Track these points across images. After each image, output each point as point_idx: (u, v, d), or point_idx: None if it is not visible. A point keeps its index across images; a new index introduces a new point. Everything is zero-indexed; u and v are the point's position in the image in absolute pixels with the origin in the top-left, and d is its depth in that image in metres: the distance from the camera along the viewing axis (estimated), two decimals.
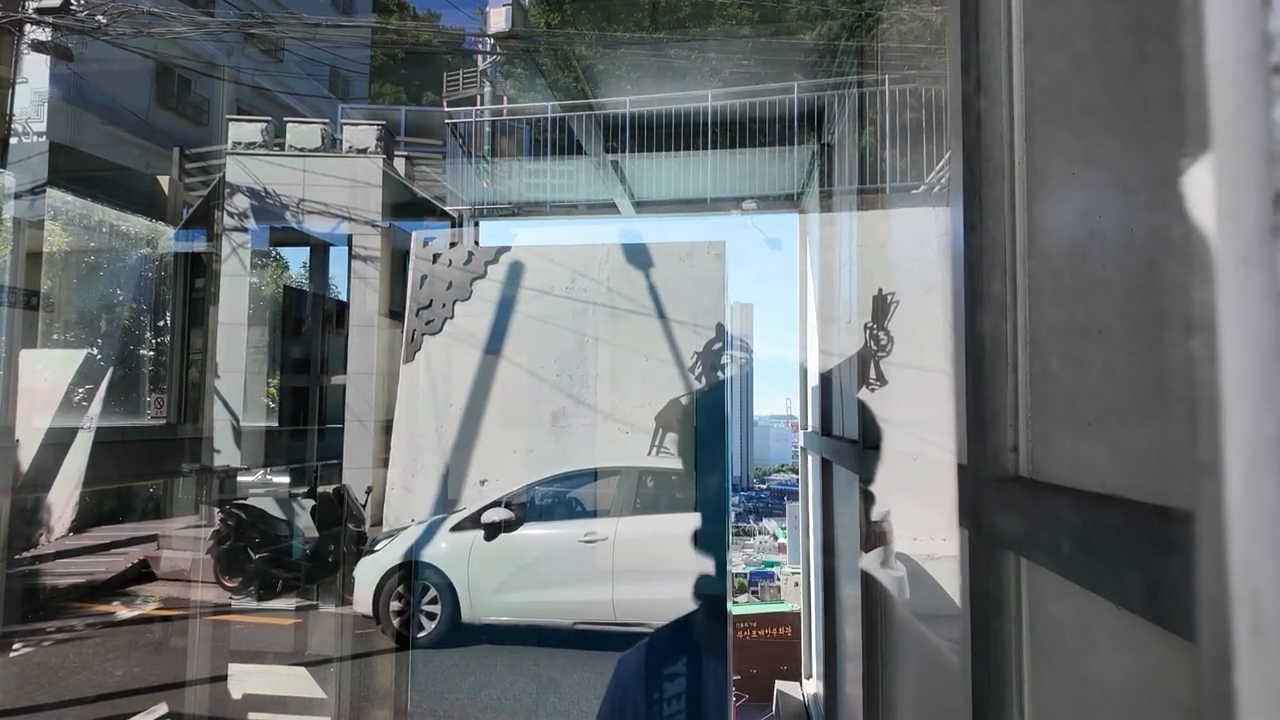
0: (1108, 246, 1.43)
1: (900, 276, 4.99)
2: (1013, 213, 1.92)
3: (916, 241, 5.02)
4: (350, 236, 8.72)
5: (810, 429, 7.81)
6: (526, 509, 6.77)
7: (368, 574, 6.41)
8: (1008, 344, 1.90)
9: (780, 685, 9.38)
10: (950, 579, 3.47)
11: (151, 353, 9.89)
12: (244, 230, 8.68)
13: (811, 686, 8.49)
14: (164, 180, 9.75)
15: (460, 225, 9.52)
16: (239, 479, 7.26)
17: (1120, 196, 1.41)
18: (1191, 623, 1.01)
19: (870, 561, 4.71)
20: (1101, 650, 1.45)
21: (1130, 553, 1.23)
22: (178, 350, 9.30)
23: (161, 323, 10.04)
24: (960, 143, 2.18)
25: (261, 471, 7.44)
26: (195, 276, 9.52)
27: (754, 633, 23.85)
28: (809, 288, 8.90)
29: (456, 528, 6.69)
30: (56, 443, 6.95)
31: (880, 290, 5.08)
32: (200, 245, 9.39)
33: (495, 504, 6.52)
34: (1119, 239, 1.39)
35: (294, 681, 6.62)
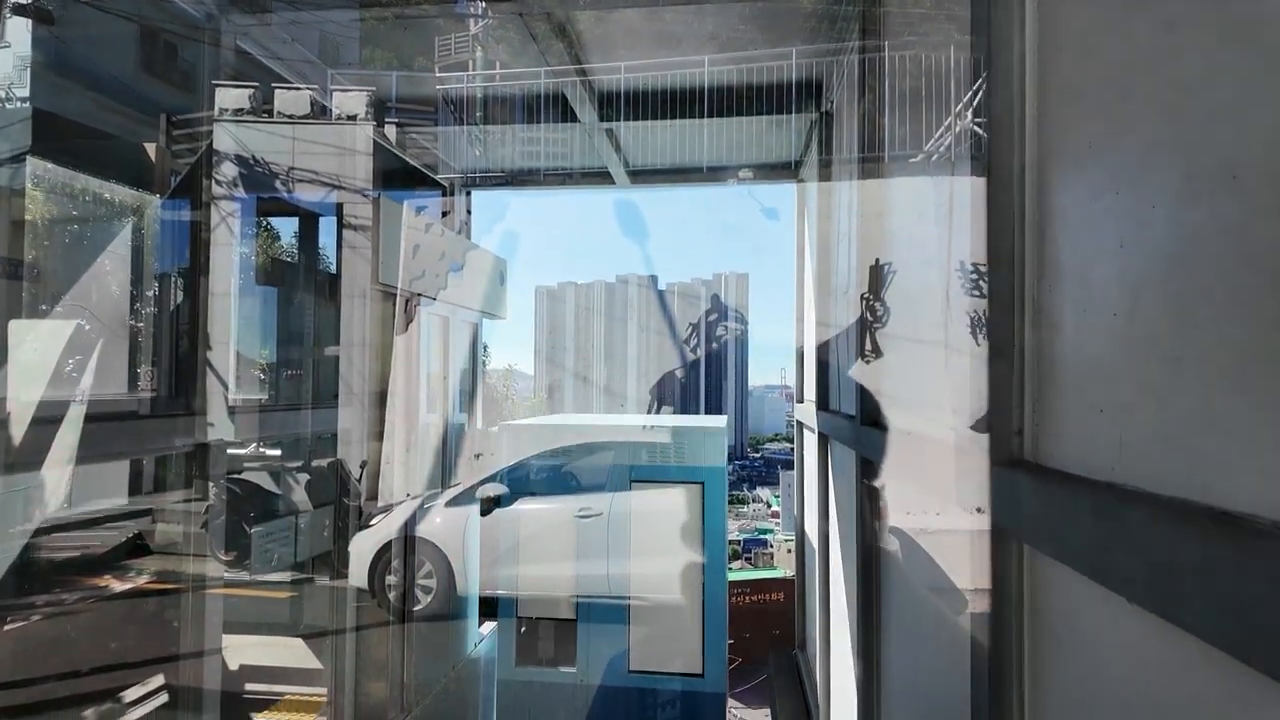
0: (1125, 223, 1.37)
1: (897, 246, 4.94)
2: (1022, 186, 1.85)
3: (914, 211, 4.95)
4: (340, 205, 8.56)
5: (806, 402, 7.79)
6: (522, 484, 6.75)
7: (363, 548, 6.41)
8: (1014, 323, 1.84)
9: (774, 654, 9.52)
10: (943, 554, 3.47)
11: (141, 324, 9.77)
12: (232, 199, 8.52)
13: (806, 655, 8.60)
14: (151, 148, 9.54)
15: (452, 194, 9.37)
16: (232, 452, 7.22)
17: (1143, 170, 1.34)
18: (1227, 631, 0.98)
19: (867, 535, 4.72)
20: (1111, 644, 1.42)
21: (1152, 551, 1.19)
22: (167, 322, 9.19)
23: (151, 293, 9.91)
24: (969, 107, 2.09)
25: (254, 445, 7.39)
26: (183, 246, 9.37)
27: (747, 598, 24.23)
28: (806, 258, 8.82)
29: (452, 503, 6.67)
30: (48, 416, 6.87)
31: (877, 260, 5.02)
32: (188, 214, 9.22)
33: (490, 479, 6.50)
34: (1140, 215, 1.32)
35: (290, 653, 6.66)
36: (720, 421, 7.53)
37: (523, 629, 7.00)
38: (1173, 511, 1.13)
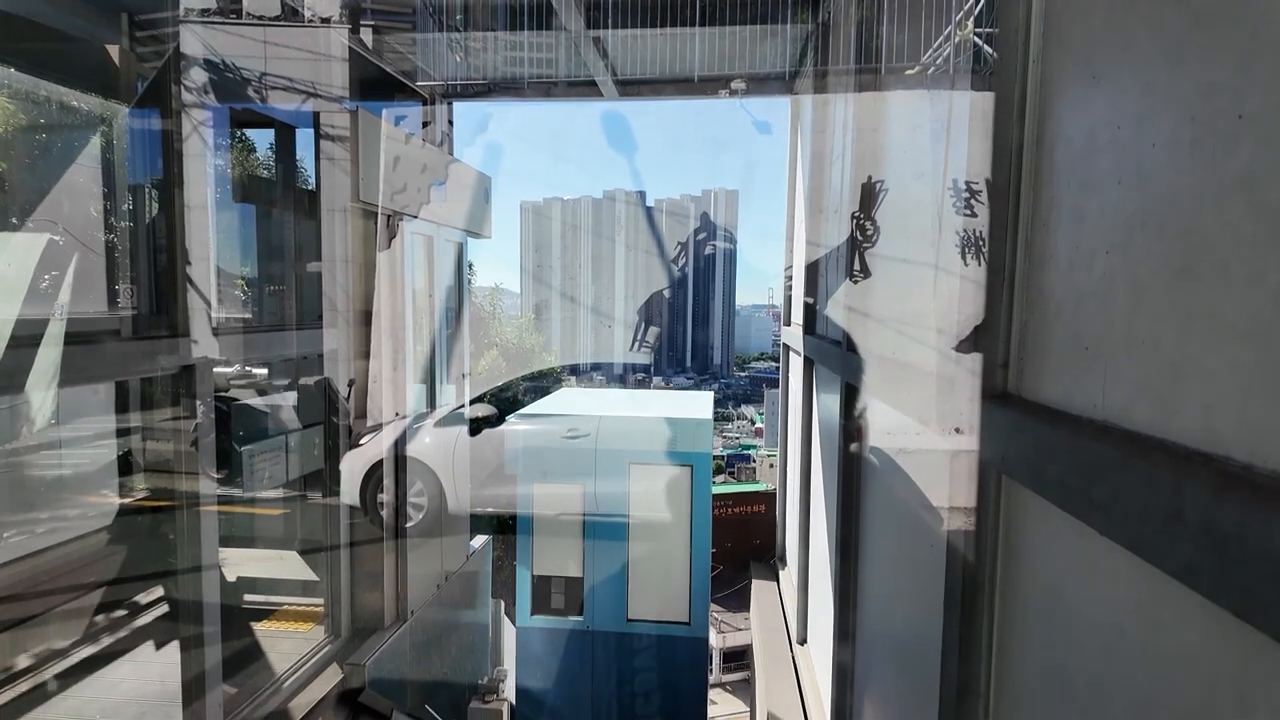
0: (1125, 160, 1.34)
1: (891, 163, 4.84)
2: (1023, 114, 1.79)
3: (909, 126, 4.82)
4: (317, 116, 8.22)
5: (793, 325, 7.81)
6: (510, 405, 6.83)
7: (354, 467, 6.50)
8: (1006, 255, 1.83)
9: (754, 564, 9.90)
10: (921, 474, 3.57)
11: (116, 239, 9.52)
12: (204, 108, 8.14)
13: (785, 564, 8.95)
14: (114, 51, 9.03)
15: (433, 105, 9.02)
16: (218, 370, 7.19)
17: (1146, 107, 1.30)
18: (1193, 568, 1.01)
19: (849, 455, 4.83)
20: (1078, 571, 1.48)
21: (1126, 487, 1.22)
22: (144, 237, 8.95)
23: (125, 207, 9.60)
24: (969, 16, 2.00)
25: (240, 364, 7.37)
26: (155, 157, 9.01)
27: (730, 510, 25.07)
28: (798, 175, 8.65)
29: (441, 422, 6.75)
30: (28, 333, 6.77)
31: (870, 178, 4.93)
32: (158, 123, 8.83)
33: (479, 399, 6.55)
34: (1140, 153, 1.29)
35: (286, 566, 6.86)
36: (707, 412, 8.49)
37: (536, 582, 8.04)
38: (1149, 450, 1.16)
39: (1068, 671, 1.45)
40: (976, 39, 4.22)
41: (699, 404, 9.04)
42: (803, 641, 7.13)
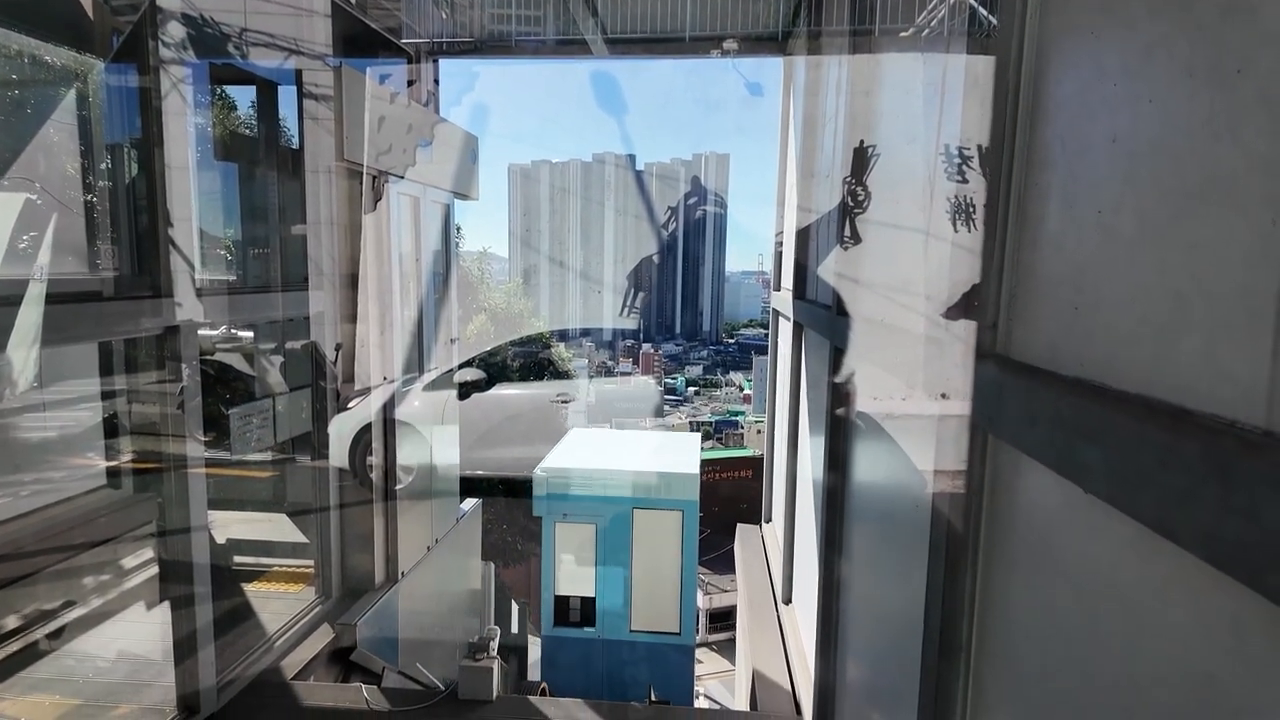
0: (1120, 117, 1.32)
1: (883, 127, 4.80)
2: (1019, 69, 1.77)
3: (903, 89, 4.77)
4: (299, 73, 8.01)
5: (783, 290, 7.81)
6: (498, 370, 6.84)
7: (342, 430, 6.49)
8: (997, 212, 1.82)
9: (741, 527, 10.05)
10: (908, 437, 3.60)
11: (96, 199, 9.31)
12: (182, 64, 7.91)
13: (772, 528, 9.09)
14: (87, 3, 8.71)
15: (418, 63, 8.81)
16: (202, 333, 7.11)
17: (1143, 61, 1.28)
18: (1181, 532, 1.03)
19: (836, 419, 4.87)
20: (1062, 527, 1.51)
21: (1110, 444, 1.23)
22: (124, 197, 8.77)
23: (104, 166, 9.38)
24: None
25: (225, 327, 7.28)
26: (134, 115, 8.77)
27: (717, 476, 25.28)
28: (790, 138, 8.56)
29: (429, 386, 6.74)
30: (6, 294, 6.66)
31: (862, 142, 4.88)
32: (135, 80, 8.58)
33: (468, 363, 6.55)
34: (1135, 109, 1.27)
35: (276, 528, 6.88)
36: (694, 465, 10.03)
37: (558, 600, 9.62)
38: (1133, 407, 1.17)
39: (1050, 627, 1.48)
40: (972, 1, 4.16)
41: (688, 454, 10.55)
42: (788, 601, 7.27)
